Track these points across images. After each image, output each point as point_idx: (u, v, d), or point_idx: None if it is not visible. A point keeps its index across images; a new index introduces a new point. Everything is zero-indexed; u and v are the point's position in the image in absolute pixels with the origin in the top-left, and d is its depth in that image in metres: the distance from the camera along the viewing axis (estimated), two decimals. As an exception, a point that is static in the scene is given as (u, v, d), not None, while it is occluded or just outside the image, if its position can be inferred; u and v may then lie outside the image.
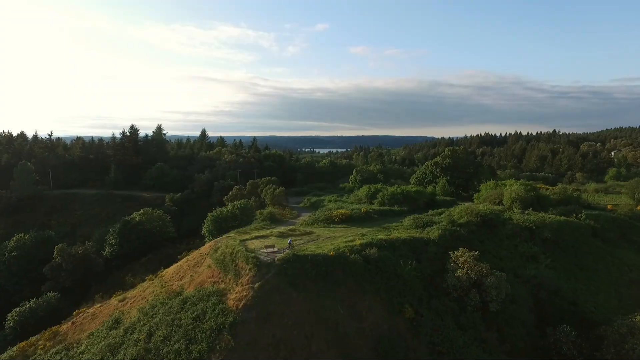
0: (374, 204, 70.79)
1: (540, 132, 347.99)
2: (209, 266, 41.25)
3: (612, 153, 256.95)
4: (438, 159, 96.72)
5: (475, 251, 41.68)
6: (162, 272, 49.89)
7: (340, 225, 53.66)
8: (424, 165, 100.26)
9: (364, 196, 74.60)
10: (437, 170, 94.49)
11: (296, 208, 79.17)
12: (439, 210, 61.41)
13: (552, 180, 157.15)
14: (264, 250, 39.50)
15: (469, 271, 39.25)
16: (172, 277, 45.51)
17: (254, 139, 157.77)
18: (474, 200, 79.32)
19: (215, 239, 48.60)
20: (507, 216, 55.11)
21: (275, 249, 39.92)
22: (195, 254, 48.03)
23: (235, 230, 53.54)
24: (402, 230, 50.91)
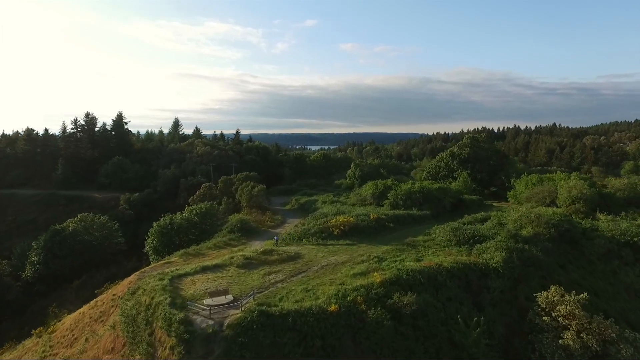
0: (383, 205, 53.11)
1: (540, 125, 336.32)
2: (113, 328, 23.06)
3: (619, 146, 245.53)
4: (455, 149, 79.31)
5: (583, 294, 24.10)
6: (59, 321, 31.51)
7: (342, 241, 35.80)
8: (438, 157, 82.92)
9: (370, 195, 56.83)
10: (455, 163, 77.14)
11: (281, 211, 61.31)
12: (478, 216, 43.88)
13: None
14: (208, 303, 21.33)
15: (584, 335, 21.68)
16: (64, 337, 27.15)
17: (237, 130, 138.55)
18: (509, 199, 62.23)
19: (143, 270, 30.24)
20: (588, 225, 37.68)
21: (230, 299, 21.82)
22: (106, 296, 29.71)
23: (183, 251, 35.34)
24: (437, 248, 33.29)
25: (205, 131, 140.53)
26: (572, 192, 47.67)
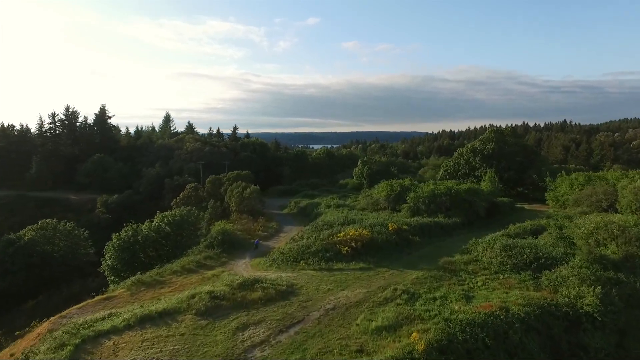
0: (400, 211, 43.61)
1: (550, 122, 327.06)
2: None
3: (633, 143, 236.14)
4: (477, 143, 69.63)
5: None
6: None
7: (353, 264, 26.29)
8: (456, 154, 73.27)
9: (383, 198, 47.30)
10: (477, 160, 67.49)
11: (277, 216, 52.17)
12: (527, 226, 34.16)
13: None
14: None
15: None
16: None
17: (234, 126, 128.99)
18: (548, 201, 52.66)
19: (65, 313, 20.81)
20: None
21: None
22: (19, 346, 20.33)
23: (135, 278, 26.05)
24: (487, 275, 23.73)
25: (206, 130, 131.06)
26: (639, 195, 38.01)
